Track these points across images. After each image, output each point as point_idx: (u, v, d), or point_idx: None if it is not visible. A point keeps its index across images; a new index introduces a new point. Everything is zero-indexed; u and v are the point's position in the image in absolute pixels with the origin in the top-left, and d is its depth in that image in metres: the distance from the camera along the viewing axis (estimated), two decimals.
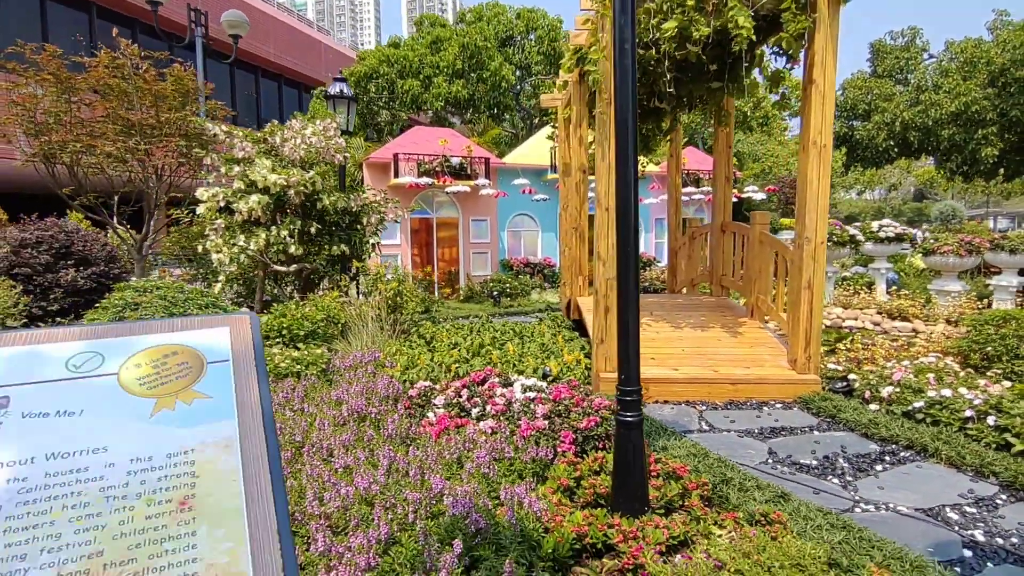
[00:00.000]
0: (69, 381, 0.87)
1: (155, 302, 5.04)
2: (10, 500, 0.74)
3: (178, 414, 0.88)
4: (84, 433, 0.83)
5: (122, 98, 8.15)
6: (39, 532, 0.73)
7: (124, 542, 0.74)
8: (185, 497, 0.79)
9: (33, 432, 0.81)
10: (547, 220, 16.83)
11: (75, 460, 0.80)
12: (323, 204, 7.27)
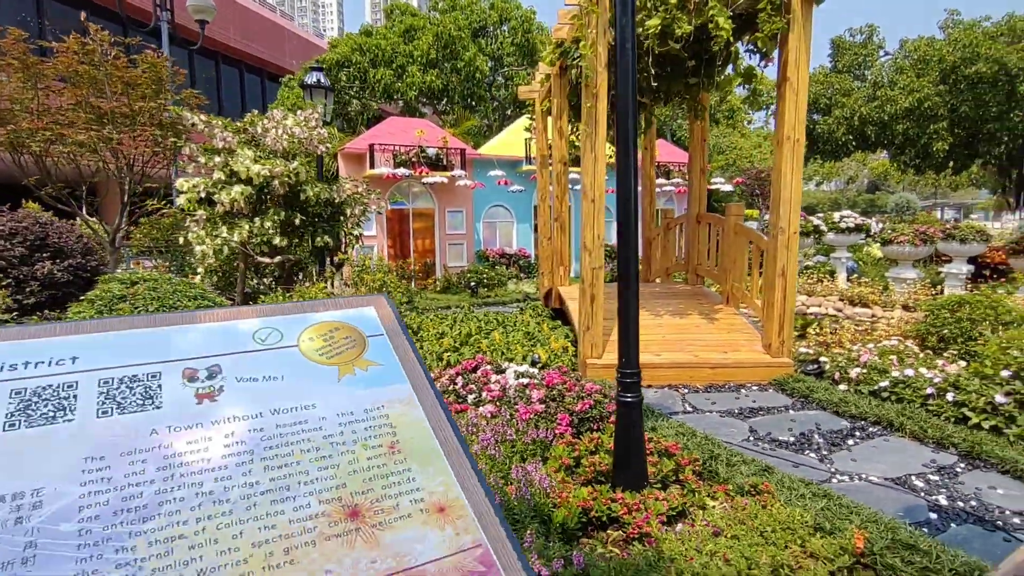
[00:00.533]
0: (262, 352, 1.00)
1: (146, 294, 5.02)
2: (259, 445, 0.87)
3: (359, 378, 1.02)
4: (292, 393, 0.96)
5: (92, 85, 7.97)
6: (290, 470, 0.87)
7: (359, 476, 0.88)
8: (392, 443, 0.93)
9: (251, 393, 0.94)
10: (522, 211, 17.00)
11: (294, 415, 0.93)
12: (306, 195, 7.28)
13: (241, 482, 0.85)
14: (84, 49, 7.80)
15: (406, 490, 0.88)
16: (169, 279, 5.56)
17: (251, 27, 24.23)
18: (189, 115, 7.33)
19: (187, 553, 0.78)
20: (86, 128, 7.71)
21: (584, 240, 6.10)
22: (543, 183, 11.19)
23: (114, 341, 0.93)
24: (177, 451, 0.84)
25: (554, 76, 8.34)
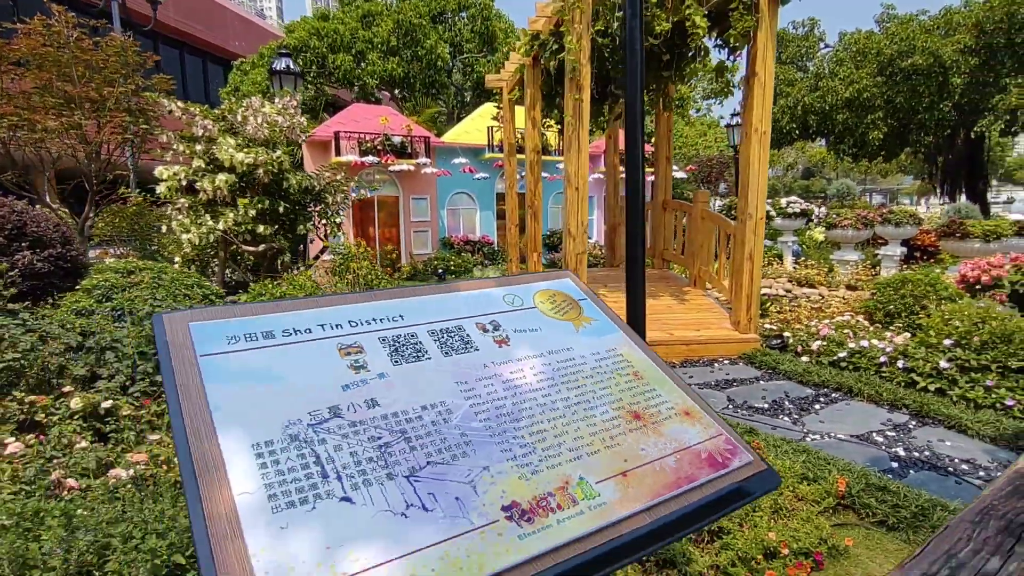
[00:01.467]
0: (514, 311, 1.27)
1: (151, 282, 5.06)
2: (555, 374, 1.16)
3: (589, 329, 1.31)
4: (552, 340, 1.24)
5: (57, 69, 7.74)
6: (583, 390, 1.16)
7: (627, 393, 1.18)
8: (634, 372, 1.22)
9: (527, 339, 1.22)
10: (484, 198, 17.21)
11: (563, 354, 1.23)
12: (289, 183, 7.33)
13: (558, 397, 1.13)
14: (49, 31, 7.56)
15: (659, 402, 1.19)
16: (165, 268, 5.58)
17: (190, 5, 23.17)
18: (166, 102, 7.23)
19: (554, 440, 1.07)
20: (56, 114, 7.50)
21: (568, 226, 6.43)
22: (511, 171, 11.46)
23: (412, 305, 1.18)
24: (508, 378, 1.11)
25: (528, 67, 8.58)
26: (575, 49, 6.13)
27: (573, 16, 6.05)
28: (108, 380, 4.27)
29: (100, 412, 3.97)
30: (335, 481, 0.84)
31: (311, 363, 1.01)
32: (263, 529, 0.76)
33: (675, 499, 0.97)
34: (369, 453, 0.89)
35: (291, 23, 19.45)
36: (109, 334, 4.44)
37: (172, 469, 3.40)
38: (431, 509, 0.82)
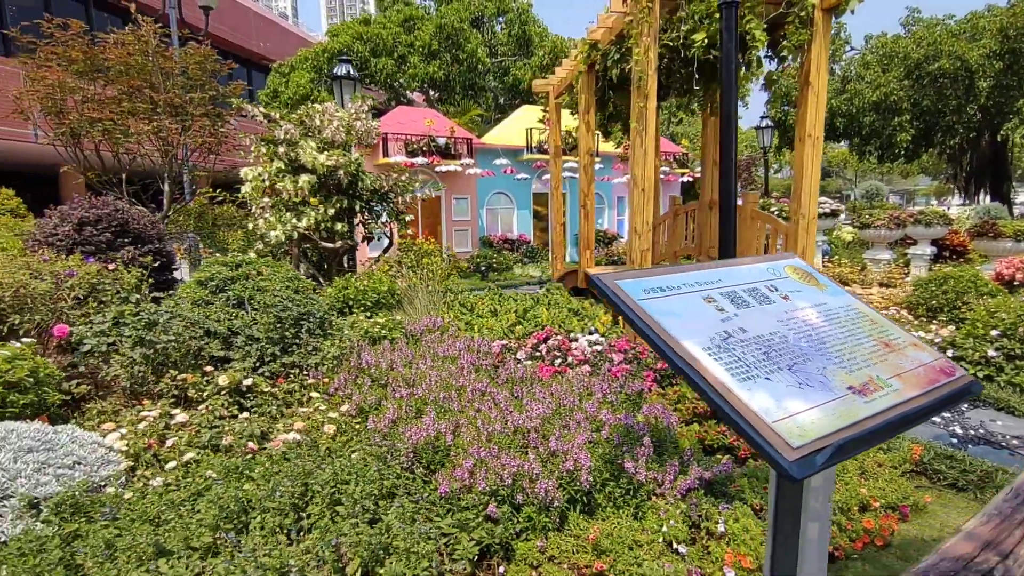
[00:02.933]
0: (779, 279, 1.73)
1: (266, 273, 5.57)
2: (827, 319, 1.64)
3: (828, 292, 1.79)
4: (813, 297, 1.70)
5: (145, 76, 8.30)
6: (849, 329, 1.64)
7: (875, 330, 1.65)
8: (872, 319, 1.68)
9: (799, 295, 1.68)
10: (521, 198, 17.69)
11: (824, 307, 1.70)
12: (363, 184, 7.83)
13: (837, 332, 1.58)
14: (139, 41, 8.12)
15: (895, 337, 1.65)
16: (267, 262, 6.10)
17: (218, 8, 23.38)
18: (250, 107, 7.76)
19: (850, 355, 1.51)
20: (146, 119, 8.06)
21: (634, 225, 6.88)
22: (556, 172, 11.90)
23: (719, 274, 1.65)
24: (802, 319, 1.57)
25: (583, 74, 9.01)
26: (642, 60, 6.56)
27: (641, 29, 6.49)
28: (241, 361, 4.77)
29: (242, 389, 4.47)
30: (755, 370, 1.31)
31: (693, 307, 1.47)
32: (740, 391, 1.22)
33: (934, 391, 1.41)
34: (760, 357, 1.35)
35: (334, 27, 20.04)
36: (240, 320, 4.95)
37: (337, 434, 3.89)
38: (812, 386, 1.29)
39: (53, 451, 3.07)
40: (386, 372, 4.83)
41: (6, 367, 3.72)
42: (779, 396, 1.27)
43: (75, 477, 2.97)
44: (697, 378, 1.24)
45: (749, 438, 1.14)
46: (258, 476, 3.17)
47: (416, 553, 2.59)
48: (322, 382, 4.75)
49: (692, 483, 3.21)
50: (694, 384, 1.24)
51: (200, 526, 2.63)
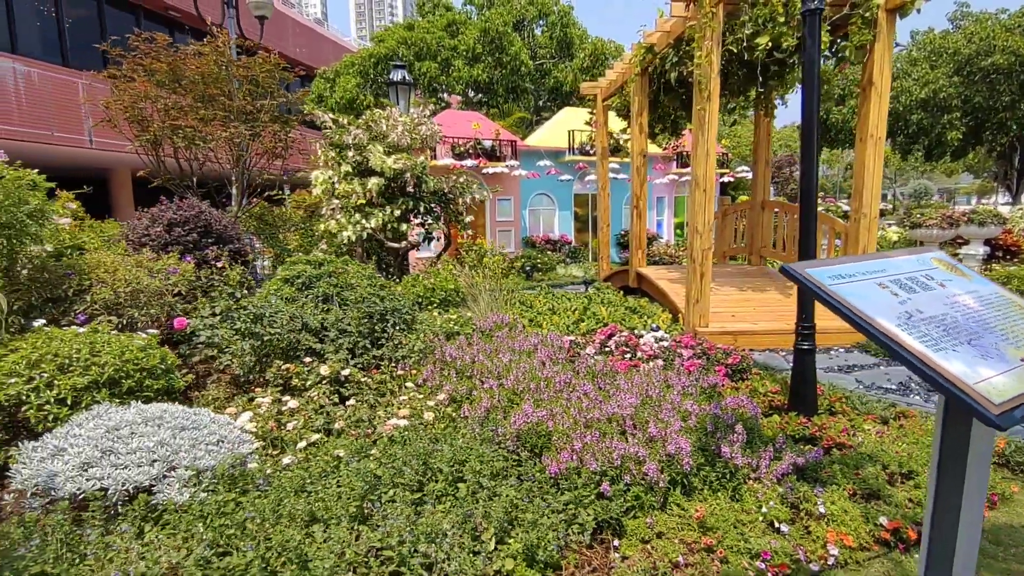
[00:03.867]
0: (931, 270, 1.93)
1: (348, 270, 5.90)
2: (983, 302, 1.82)
3: (975, 281, 1.99)
4: (965, 286, 1.90)
5: (220, 85, 8.73)
6: (1002, 312, 1.82)
7: None
8: (1019, 305, 1.87)
9: (953, 285, 1.88)
10: (563, 199, 17.89)
11: (977, 293, 1.89)
12: (427, 186, 8.13)
13: (994, 314, 1.77)
14: (216, 51, 8.56)
15: None
16: (347, 261, 6.42)
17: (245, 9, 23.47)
18: (320, 113, 8.13)
19: (1012, 334, 1.70)
20: (223, 126, 8.49)
21: (695, 224, 7.02)
22: (604, 173, 12.07)
23: (879, 264, 1.86)
24: (963, 303, 1.77)
25: (638, 77, 9.18)
26: (704, 63, 6.71)
27: (704, 33, 6.64)
28: (334, 353, 5.08)
29: (340, 379, 4.77)
30: (942, 343, 1.52)
31: (872, 291, 1.67)
32: (938, 359, 1.43)
33: None
34: (941, 333, 1.56)
35: (380, 33, 20.54)
36: (333, 315, 5.26)
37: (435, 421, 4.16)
38: (992, 357, 1.48)
39: (199, 430, 3.39)
40: (470, 365, 5.09)
41: (141, 355, 4.08)
42: (969, 364, 1.46)
43: (221, 453, 3.28)
44: (899, 348, 1.43)
45: (956, 397, 1.34)
46: (381, 456, 3.44)
47: (542, 524, 2.83)
48: (410, 373, 5.03)
49: (786, 468, 3.39)
50: (896, 353, 1.45)
51: (347, 497, 2.90)
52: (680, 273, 9.63)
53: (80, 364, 3.80)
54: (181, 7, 18.81)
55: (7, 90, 13.88)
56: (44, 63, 14.68)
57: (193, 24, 19.56)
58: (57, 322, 4.90)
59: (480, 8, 21.34)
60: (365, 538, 2.64)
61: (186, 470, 3.04)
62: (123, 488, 2.91)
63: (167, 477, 3.03)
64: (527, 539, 2.74)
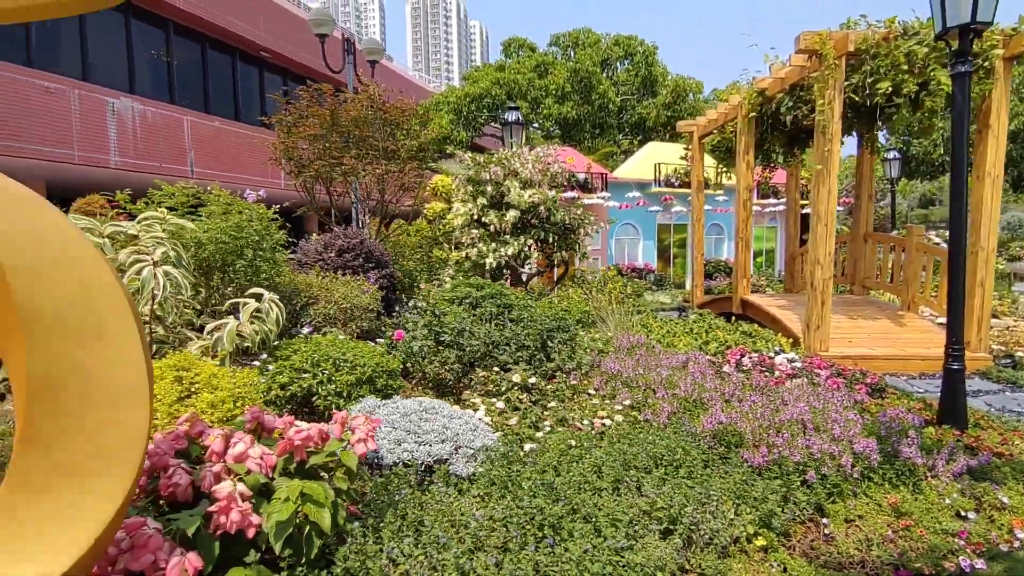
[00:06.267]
0: None
1: (507, 292, 6.74)
2: None
3: None
4: None
5: (368, 128, 9.85)
6: None
7: None
8: None
9: None
10: (647, 229, 18.57)
11: None
12: (556, 218, 8.97)
13: None
14: (368, 97, 9.70)
15: None
16: (504, 286, 7.26)
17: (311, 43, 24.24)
18: (460, 153, 9.11)
19: None
20: (372, 164, 9.58)
21: (817, 255, 7.58)
22: (699, 205, 12.69)
23: None
24: None
25: (743, 118, 9.85)
26: (827, 110, 7.34)
27: (827, 82, 7.28)
28: (515, 364, 5.86)
29: (527, 386, 5.54)
30: None
31: None
32: None
33: None
34: None
35: (471, 73, 22.00)
36: (509, 331, 6.06)
37: (623, 423, 4.86)
38: None
39: (457, 419, 4.18)
40: (634, 377, 5.78)
41: (383, 360, 4.96)
42: None
43: (482, 438, 4.06)
44: None
45: None
46: (608, 447, 4.15)
47: (765, 501, 3.47)
48: (581, 383, 5.76)
49: (961, 468, 3.93)
50: None
51: (606, 474, 3.62)
52: (786, 300, 10.10)
53: (347, 365, 4.69)
54: (272, 48, 20.56)
55: (126, 126, 15.76)
56: (156, 101, 16.61)
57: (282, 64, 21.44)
58: (289, 332, 5.87)
59: (565, 49, 22.58)
60: (636, 503, 3.35)
61: (468, 448, 3.83)
62: (428, 460, 3.72)
63: (455, 454, 3.82)
64: (762, 510, 3.39)
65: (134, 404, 2.11)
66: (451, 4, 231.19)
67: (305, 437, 2.93)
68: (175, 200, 6.08)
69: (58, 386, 1.99)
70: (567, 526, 3.09)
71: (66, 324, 2.02)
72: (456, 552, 2.76)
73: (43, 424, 1.98)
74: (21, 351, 1.95)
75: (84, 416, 2.03)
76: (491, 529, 3.02)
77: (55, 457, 2.00)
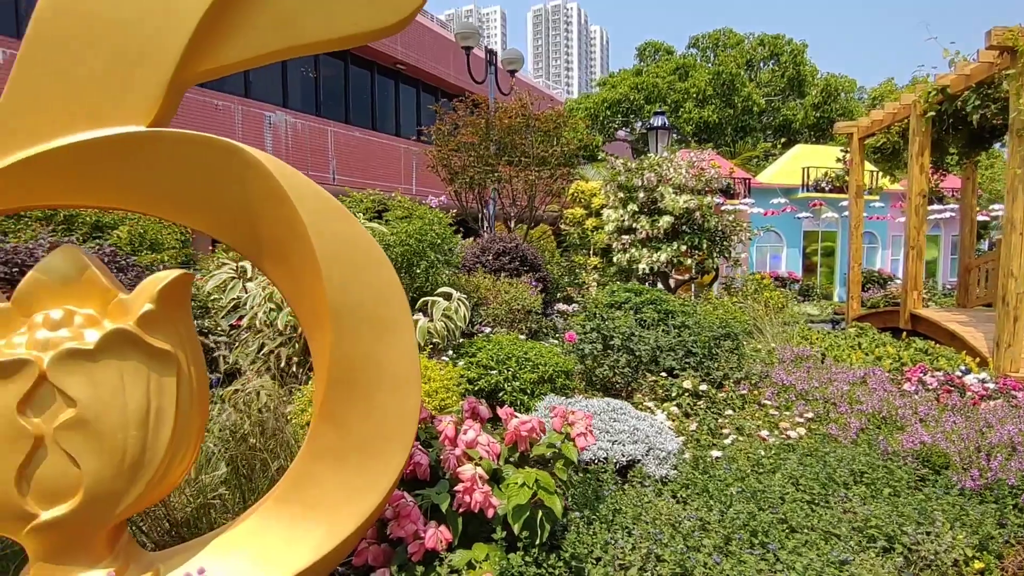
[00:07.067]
0: None
1: (667, 299, 6.83)
2: None
3: None
4: None
5: (519, 136, 10.28)
6: None
7: None
8: None
9: None
10: (791, 236, 17.70)
11: None
12: (709, 224, 8.88)
13: None
14: (522, 106, 10.13)
15: None
16: (661, 291, 7.34)
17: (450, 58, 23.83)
18: (612, 159, 9.28)
19: None
20: (521, 170, 10.00)
21: (1011, 268, 6.93)
22: (857, 212, 11.93)
23: None
24: None
25: (918, 117, 9.16)
26: (1022, 109, 6.70)
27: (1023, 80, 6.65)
28: (681, 370, 5.90)
29: (697, 392, 5.57)
30: None
31: None
32: None
33: None
34: None
35: (608, 79, 22.10)
36: (672, 336, 6.12)
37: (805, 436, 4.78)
38: None
39: (644, 421, 4.33)
40: (810, 390, 5.63)
41: (561, 360, 5.22)
42: None
43: (671, 441, 4.19)
44: None
45: None
46: (800, 461, 4.12)
47: (982, 524, 3.31)
48: (752, 393, 5.70)
49: None
50: None
51: (800, 486, 3.63)
52: (965, 316, 9.28)
53: (529, 364, 4.99)
54: (407, 60, 21.71)
55: (279, 136, 17.42)
56: (304, 114, 18.26)
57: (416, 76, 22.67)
58: (463, 331, 6.32)
59: (704, 51, 22.04)
60: (843, 517, 3.33)
61: (659, 451, 3.97)
62: (621, 459, 3.91)
63: (646, 455, 3.98)
64: (981, 533, 3.25)
65: (410, 393, 2.40)
66: (572, 10, 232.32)
67: (530, 428, 3.21)
68: (362, 207, 6.75)
69: (355, 374, 2.32)
70: (777, 535, 3.14)
71: (367, 319, 2.33)
72: (676, 549, 2.91)
73: (339, 405, 2.33)
74: (327, 341, 2.33)
75: (373, 400, 2.35)
76: (703, 530, 3.15)
77: (349, 434, 2.34)
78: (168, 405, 2.12)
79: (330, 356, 2.27)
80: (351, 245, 2.30)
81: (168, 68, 2.09)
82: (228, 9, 2.11)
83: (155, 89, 2.10)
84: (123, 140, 2.06)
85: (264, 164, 2.18)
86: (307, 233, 2.19)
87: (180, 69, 2.08)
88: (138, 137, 2.07)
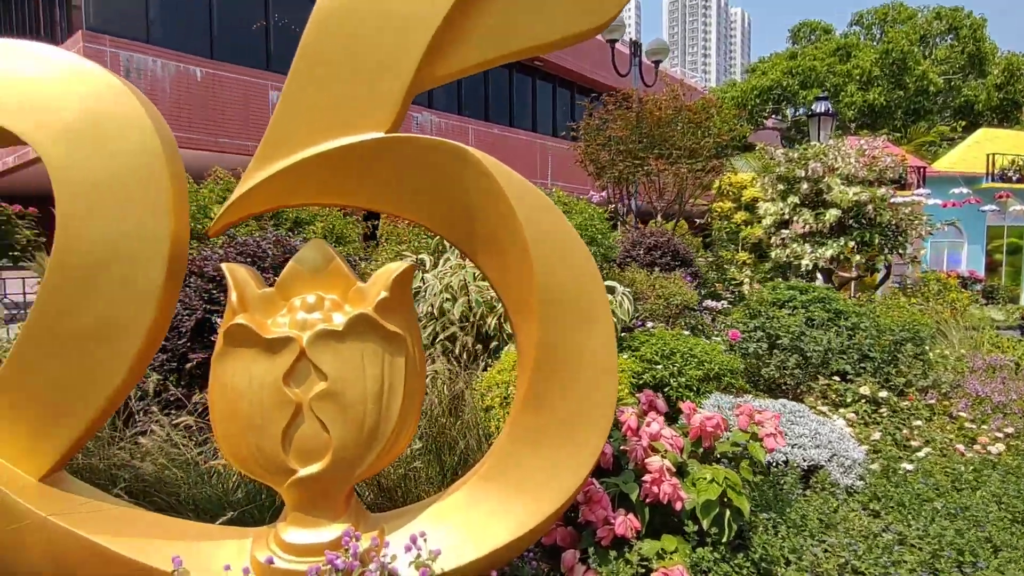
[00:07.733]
0: None
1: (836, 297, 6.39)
2: None
3: None
4: None
5: (669, 128, 10.03)
6: None
7: None
8: None
9: None
10: (974, 231, 15.73)
11: None
12: (883, 218, 8.14)
13: None
14: (674, 97, 9.88)
15: None
16: (830, 289, 6.87)
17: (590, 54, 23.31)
18: (771, 149, 8.79)
19: None
20: (671, 163, 9.76)
21: None
22: None
23: None
24: None
25: None
26: None
27: None
28: (856, 375, 5.50)
29: (877, 399, 5.17)
30: None
31: None
32: None
33: None
34: None
35: (758, 65, 20.83)
36: (844, 338, 5.71)
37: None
38: None
39: (824, 426, 4.10)
40: (1008, 403, 5.03)
41: (726, 358, 5.08)
42: None
43: (854, 449, 3.94)
44: None
45: None
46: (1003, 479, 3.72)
47: None
48: (940, 403, 5.18)
49: None
50: None
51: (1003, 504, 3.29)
52: None
53: (694, 360, 4.91)
54: (545, 56, 21.82)
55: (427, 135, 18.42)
56: (447, 113, 19.10)
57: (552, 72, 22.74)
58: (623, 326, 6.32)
59: (868, 28, 20.00)
60: None
61: (843, 458, 3.76)
62: (802, 463, 3.74)
63: (830, 461, 3.78)
64: None
65: (608, 381, 2.45)
66: None
67: (715, 424, 3.18)
68: None
69: (558, 361, 2.40)
70: (984, 554, 2.88)
71: (570, 308, 2.42)
72: (876, 561, 2.76)
73: (543, 389, 2.44)
74: (533, 329, 2.44)
75: (574, 387, 2.43)
76: (900, 544, 2.96)
77: (551, 418, 2.44)
78: (398, 382, 2.33)
79: (536, 343, 2.39)
80: (558, 237, 2.40)
81: (406, 78, 2.30)
82: (457, 21, 2.29)
83: (395, 97, 2.32)
84: (371, 145, 2.31)
85: (483, 163, 2.35)
86: (521, 227, 2.32)
87: (416, 78, 2.29)
88: (385, 142, 2.31)
